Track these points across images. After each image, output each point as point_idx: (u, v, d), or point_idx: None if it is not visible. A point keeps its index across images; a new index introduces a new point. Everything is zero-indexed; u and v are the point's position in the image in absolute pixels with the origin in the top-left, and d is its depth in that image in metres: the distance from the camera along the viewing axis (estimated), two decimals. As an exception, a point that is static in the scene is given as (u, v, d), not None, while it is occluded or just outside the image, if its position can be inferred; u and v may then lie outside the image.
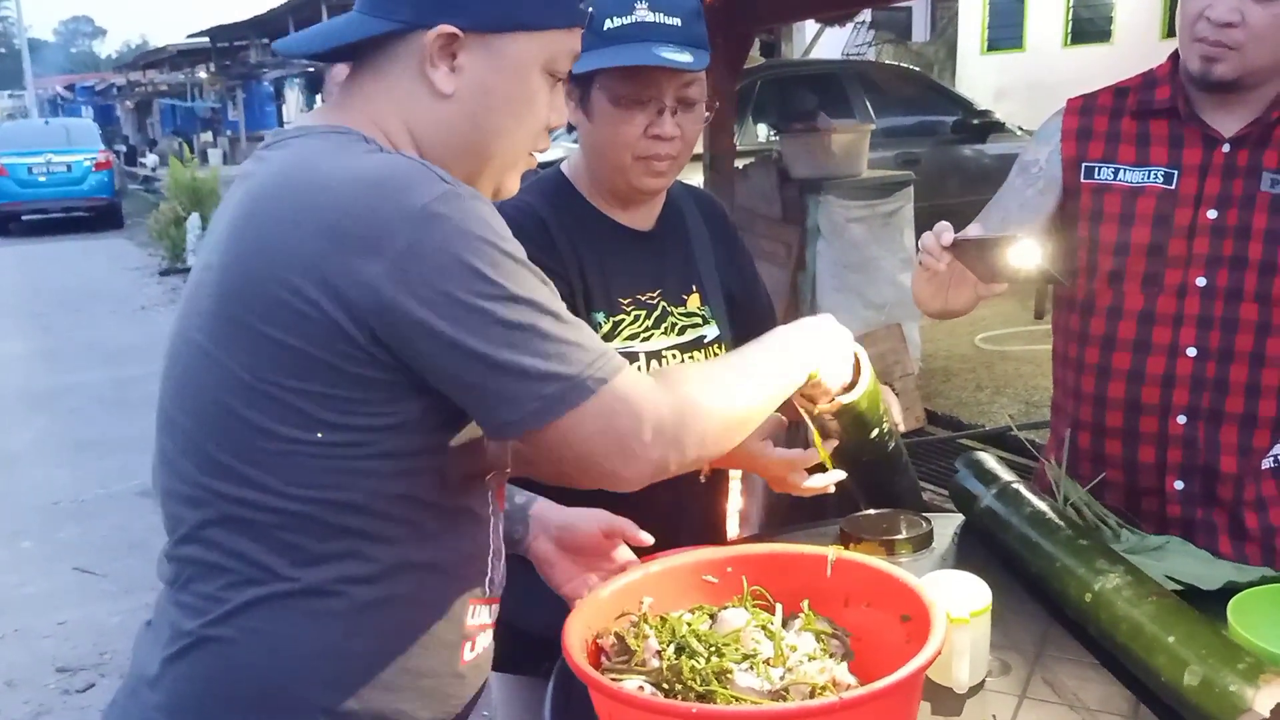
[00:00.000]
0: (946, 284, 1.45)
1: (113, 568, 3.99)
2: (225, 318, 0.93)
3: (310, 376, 0.90)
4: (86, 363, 7.21)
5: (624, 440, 0.93)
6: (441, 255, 0.88)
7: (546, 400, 0.90)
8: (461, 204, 0.90)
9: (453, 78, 0.98)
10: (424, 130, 1.00)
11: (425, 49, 0.97)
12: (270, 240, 0.91)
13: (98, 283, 10.67)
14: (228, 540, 0.94)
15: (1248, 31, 1.37)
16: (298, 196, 0.91)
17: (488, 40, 0.97)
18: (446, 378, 0.91)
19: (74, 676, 3.25)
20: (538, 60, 1.00)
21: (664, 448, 0.95)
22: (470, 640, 1.05)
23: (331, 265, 0.88)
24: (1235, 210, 1.46)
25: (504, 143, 1.02)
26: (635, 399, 0.94)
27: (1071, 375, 1.62)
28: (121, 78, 32.07)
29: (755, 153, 5.96)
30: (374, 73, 1.00)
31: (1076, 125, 1.58)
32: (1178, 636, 1.11)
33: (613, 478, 0.96)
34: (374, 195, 0.89)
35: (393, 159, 0.94)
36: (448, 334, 0.88)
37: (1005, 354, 5.91)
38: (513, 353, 0.89)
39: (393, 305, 0.87)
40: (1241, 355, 1.48)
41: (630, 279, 1.43)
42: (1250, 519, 1.52)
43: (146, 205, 15.42)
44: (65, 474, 5.04)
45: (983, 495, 1.49)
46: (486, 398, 0.91)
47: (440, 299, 0.88)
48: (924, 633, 1.02)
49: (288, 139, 0.99)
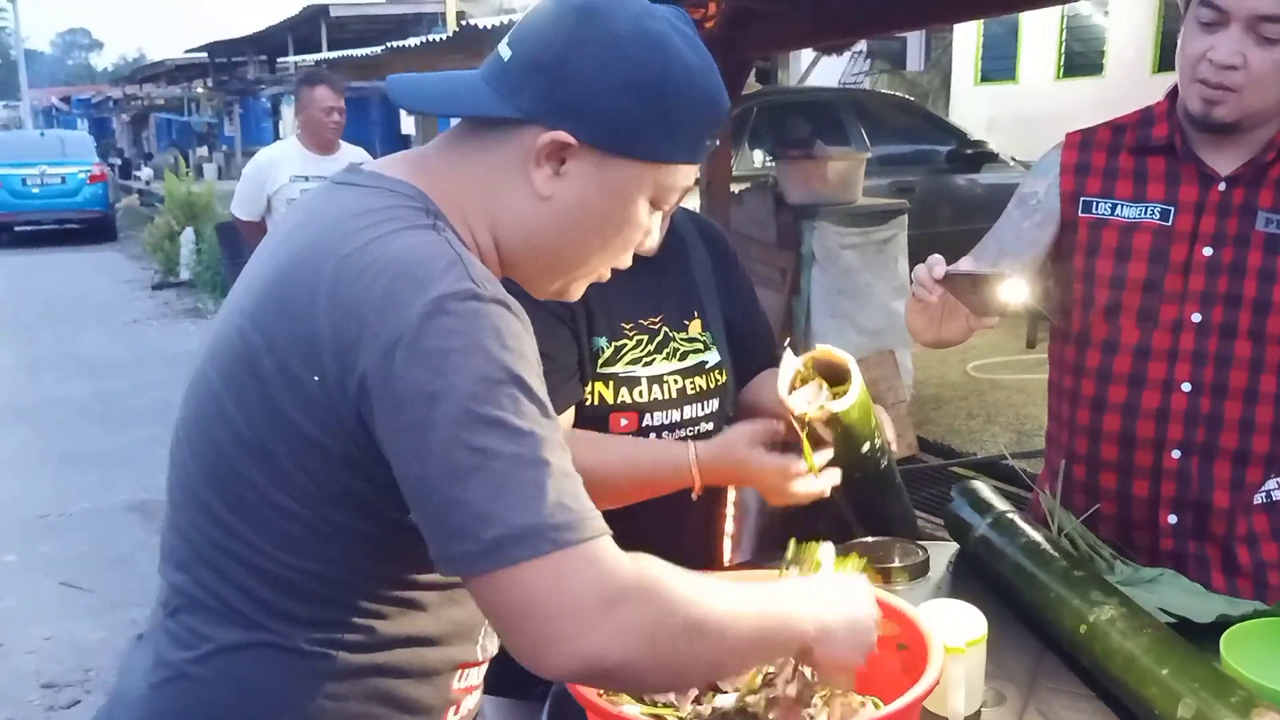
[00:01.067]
0: (939, 316, 1.46)
1: (98, 582, 3.95)
2: (239, 368, 0.91)
3: (304, 450, 0.87)
4: (73, 375, 7.16)
5: (560, 621, 0.79)
6: (429, 356, 0.81)
7: (485, 545, 0.80)
8: (479, 307, 0.84)
9: (554, 182, 0.93)
10: (507, 223, 0.95)
11: (536, 146, 0.92)
12: (294, 306, 0.87)
13: (88, 295, 10.63)
14: (214, 583, 0.93)
15: (1248, 75, 1.39)
16: (329, 268, 0.87)
17: (601, 157, 0.92)
18: (404, 486, 0.84)
19: (58, 693, 3.21)
20: (646, 190, 0.95)
21: (602, 643, 0.80)
22: (455, 704, 1.04)
23: (340, 345, 0.84)
24: (1230, 248, 1.47)
25: (584, 257, 0.98)
26: (597, 572, 0.81)
27: (1066, 407, 1.62)
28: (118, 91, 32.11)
29: (751, 178, 6.00)
30: (476, 145, 0.95)
31: (1075, 160, 1.59)
32: (1171, 669, 1.11)
33: (531, 663, 0.82)
34: (395, 279, 0.84)
35: (433, 243, 0.87)
36: (412, 440, 0.81)
37: (997, 382, 5.94)
38: (470, 481, 0.80)
39: (375, 397, 0.83)
40: (1235, 391, 1.49)
41: (632, 303, 1.44)
42: (1242, 554, 1.53)
43: (140, 219, 15.39)
44: (49, 487, 5.00)
45: (978, 524, 1.50)
46: (434, 520, 0.82)
47: (412, 402, 0.81)
48: (921, 663, 1.03)
49: (360, 185, 0.95)
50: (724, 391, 1.51)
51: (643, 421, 1.44)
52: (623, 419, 1.43)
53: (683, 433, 1.45)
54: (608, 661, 0.81)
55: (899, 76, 14.07)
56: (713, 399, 1.49)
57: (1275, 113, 1.46)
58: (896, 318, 5.08)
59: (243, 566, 0.92)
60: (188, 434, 0.96)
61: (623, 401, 1.43)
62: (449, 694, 1.02)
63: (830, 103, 7.58)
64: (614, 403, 1.42)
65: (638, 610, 0.81)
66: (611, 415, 1.43)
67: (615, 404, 1.43)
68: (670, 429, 1.45)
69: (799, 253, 4.93)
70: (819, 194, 4.96)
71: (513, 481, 0.80)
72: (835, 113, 7.23)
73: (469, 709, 1.07)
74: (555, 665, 0.81)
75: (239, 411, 0.90)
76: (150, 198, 17.84)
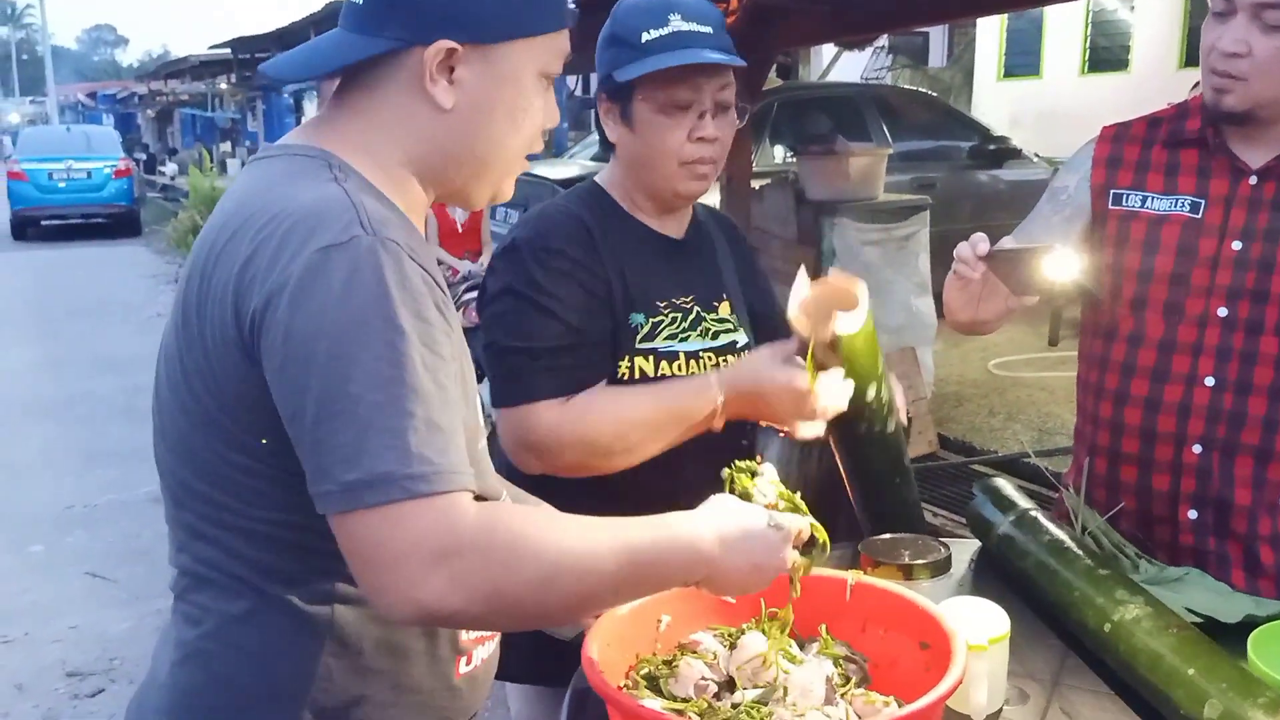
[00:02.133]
0: (978, 295, 1.46)
1: (122, 574, 4.00)
2: (173, 340, 0.96)
3: (233, 403, 0.91)
4: (98, 370, 7.24)
5: (399, 563, 0.81)
6: (308, 301, 0.84)
7: (341, 487, 0.82)
8: (365, 254, 0.86)
9: (452, 91, 0.97)
10: (419, 146, 0.99)
11: (424, 65, 0.96)
12: (211, 273, 0.92)
13: (113, 290, 10.73)
14: (209, 555, 0.96)
15: (1253, 62, 1.39)
16: (234, 227, 0.92)
17: (485, 51, 0.97)
18: (287, 425, 0.87)
19: (83, 681, 3.25)
20: (534, 66, 1.00)
21: (439, 594, 0.82)
22: (465, 655, 1.05)
23: (237, 296, 0.88)
24: (1260, 243, 1.46)
25: (503, 150, 1.02)
26: (437, 526, 0.82)
27: (1091, 400, 1.62)
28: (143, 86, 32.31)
29: (771, 174, 5.98)
30: (365, 90, 0.99)
31: (1108, 153, 1.59)
32: (1198, 669, 1.10)
33: (373, 594, 0.85)
34: (289, 230, 0.88)
35: (330, 193, 0.91)
36: (287, 380, 0.85)
37: (1018, 380, 5.89)
38: (332, 426, 0.82)
39: (262, 340, 0.86)
40: (1260, 389, 1.47)
41: (666, 283, 1.48)
42: (1266, 554, 1.52)
43: (165, 213, 15.53)
44: (75, 481, 5.06)
45: (1000, 522, 1.49)
46: (306, 464, 0.86)
47: (290, 345, 0.84)
48: (944, 661, 1.02)
49: (268, 157, 1.01)
50: None
51: None
52: None
53: None
54: (444, 610, 0.83)
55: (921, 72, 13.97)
56: None
57: None
58: (917, 315, 5.06)
59: (229, 532, 0.94)
60: (159, 422, 1.00)
61: (663, 374, 1.45)
62: (456, 644, 1.03)
63: (852, 98, 7.54)
64: (655, 376, 1.45)
65: (477, 563, 0.83)
66: (651, 383, 1.45)
67: (656, 378, 1.45)
68: None
69: (819, 249, 4.92)
70: (840, 190, 4.94)
71: (376, 428, 0.82)
72: (857, 108, 7.19)
73: (482, 660, 1.08)
74: (393, 610, 0.84)
75: (183, 383, 0.94)
76: (175, 193, 18.00)
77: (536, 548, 0.86)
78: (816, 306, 1.29)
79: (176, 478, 0.98)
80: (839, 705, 1.04)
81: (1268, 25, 1.37)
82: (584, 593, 0.90)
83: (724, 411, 1.37)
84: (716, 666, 1.07)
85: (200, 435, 0.94)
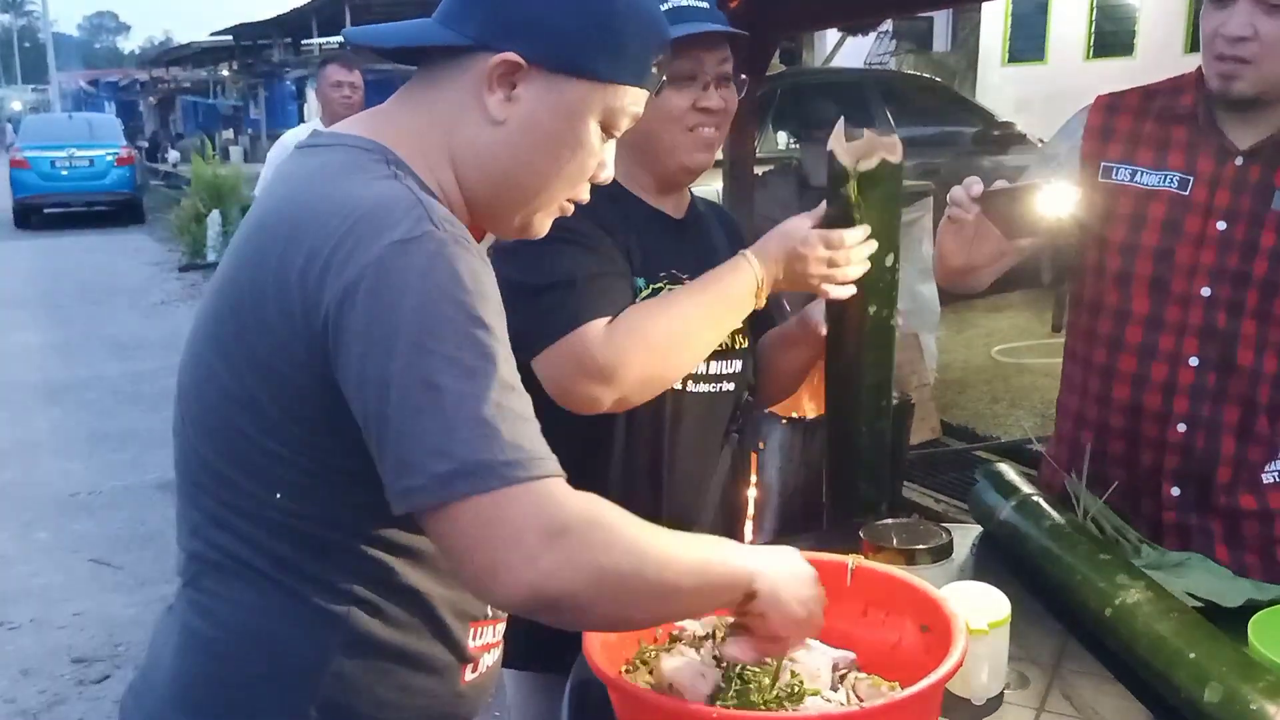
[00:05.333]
0: (971, 238, 1.48)
1: (128, 560, 4.02)
2: (219, 326, 0.94)
3: (285, 393, 0.90)
4: (103, 356, 7.26)
5: (507, 552, 0.81)
6: (387, 294, 0.84)
7: (436, 480, 0.81)
8: (439, 248, 0.86)
9: (507, 106, 0.96)
10: (464, 152, 0.98)
11: (486, 71, 0.95)
12: (268, 258, 0.91)
13: (117, 277, 10.74)
14: (226, 542, 0.95)
15: (1261, 44, 1.39)
16: (297, 216, 0.91)
17: (550, 77, 0.95)
18: (362, 423, 0.86)
19: (89, 667, 3.27)
20: (595, 111, 0.98)
21: (545, 576, 0.82)
22: (472, 662, 1.05)
23: (306, 287, 0.87)
24: (1244, 225, 1.47)
25: (540, 182, 0.99)
26: (539, 509, 0.83)
27: (1079, 372, 1.64)
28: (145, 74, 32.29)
29: (774, 160, 5.96)
30: (431, 84, 0.99)
31: (1100, 123, 1.59)
32: (1199, 653, 1.11)
33: (479, 594, 0.88)
34: (357, 223, 0.87)
35: (393, 190, 0.90)
36: (369, 377, 0.84)
37: (1022, 366, 5.89)
38: (420, 419, 0.82)
39: (335, 335, 0.85)
40: (1241, 369, 1.48)
41: (665, 258, 1.47)
42: (1249, 528, 1.53)
43: (167, 201, 15.52)
44: (81, 466, 5.07)
45: (1002, 507, 1.49)
46: (385, 459, 0.84)
47: (371, 340, 0.83)
48: (945, 644, 1.02)
49: (322, 145, 0.99)
50: (746, 356, 1.52)
51: None
52: None
53: (706, 387, 1.46)
54: (553, 591, 0.83)
55: (925, 57, 13.91)
56: (735, 359, 1.50)
57: None
58: (922, 301, 5.04)
59: (249, 520, 0.94)
60: (186, 403, 0.98)
61: None
62: (465, 651, 1.03)
63: (856, 83, 7.52)
64: None
65: (583, 544, 0.83)
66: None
67: None
68: (695, 380, 1.45)
69: (823, 235, 4.90)
70: (844, 176, 4.92)
71: (465, 419, 0.82)
72: (861, 94, 7.17)
73: (488, 666, 1.08)
74: (503, 594, 0.84)
75: (224, 366, 0.93)
76: (177, 180, 17.98)
77: (631, 536, 0.87)
78: (856, 146, 1.40)
79: (202, 460, 0.96)
80: (840, 690, 1.04)
81: (1273, 6, 1.37)
82: (666, 588, 0.90)
83: (765, 284, 1.38)
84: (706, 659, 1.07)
85: (240, 420, 0.92)
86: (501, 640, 1.10)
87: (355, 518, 0.94)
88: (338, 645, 0.95)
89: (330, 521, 0.93)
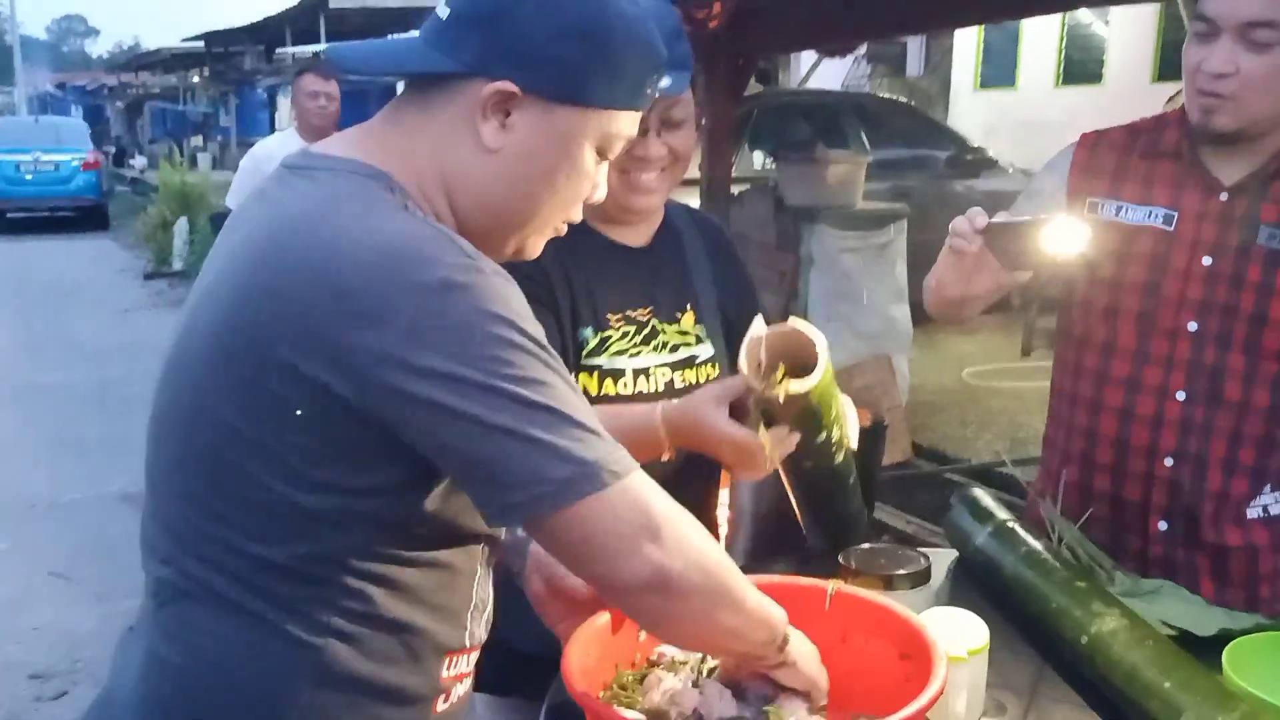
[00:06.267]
0: (970, 269, 1.46)
1: (88, 573, 3.93)
2: (221, 361, 0.91)
3: (300, 432, 0.88)
4: (66, 362, 7.13)
5: (631, 538, 0.88)
6: (458, 330, 0.85)
7: (558, 485, 0.86)
8: (483, 279, 0.87)
9: (501, 134, 0.94)
10: (458, 180, 0.97)
11: (480, 99, 0.93)
12: (277, 296, 0.88)
13: (81, 283, 10.58)
14: (202, 573, 0.93)
15: (1242, 81, 1.40)
16: (309, 254, 0.88)
17: (546, 106, 0.94)
18: (449, 454, 0.88)
19: (46, 683, 3.20)
20: (590, 136, 0.97)
21: (666, 556, 0.89)
22: (444, 692, 1.03)
23: (332, 333, 0.85)
24: (1230, 259, 1.48)
25: (535, 209, 0.99)
26: (647, 499, 0.90)
27: (1065, 407, 1.64)
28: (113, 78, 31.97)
29: (750, 180, 5.99)
30: (422, 107, 0.97)
31: (1086, 159, 1.60)
32: (1174, 682, 1.11)
33: (608, 578, 0.91)
34: (387, 267, 0.86)
35: (414, 226, 0.90)
36: (457, 409, 0.84)
37: (992, 389, 5.94)
38: (528, 431, 0.85)
39: (391, 377, 0.84)
40: (1229, 404, 1.49)
41: (621, 295, 1.44)
42: (1236, 564, 1.54)
43: (134, 207, 15.34)
44: (42, 475, 4.97)
45: (978, 532, 1.49)
46: (493, 477, 0.87)
47: (452, 374, 0.84)
48: (925, 672, 1.02)
49: (315, 168, 0.96)
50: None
51: None
52: None
53: None
54: (672, 569, 0.90)
55: (900, 81, 14.08)
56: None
57: (1279, 120, 1.46)
58: (894, 323, 5.08)
59: (232, 553, 0.92)
60: (169, 427, 0.96)
61: (606, 393, 1.42)
62: (438, 682, 1.02)
63: (831, 105, 7.59)
64: (597, 394, 1.42)
65: (680, 530, 0.91)
66: (595, 407, 1.42)
67: (599, 395, 1.42)
68: None
69: (798, 255, 4.94)
70: (819, 197, 4.97)
71: (559, 430, 0.86)
72: (835, 116, 7.23)
73: (459, 696, 1.07)
74: (630, 576, 0.89)
75: (228, 402, 0.90)
76: (144, 186, 17.77)
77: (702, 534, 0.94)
78: (770, 356, 1.20)
79: (187, 491, 0.94)
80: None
81: (1255, 43, 1.39)
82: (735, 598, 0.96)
83: (670, 447, 1.30)
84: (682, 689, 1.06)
85: (231, 452, 0.90)
86: (473, 670, 1.08)
87: (344, 555, 0.92)
88: (310, 677, 0.93)
89: (318, 558, 0.91)
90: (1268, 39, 1.38)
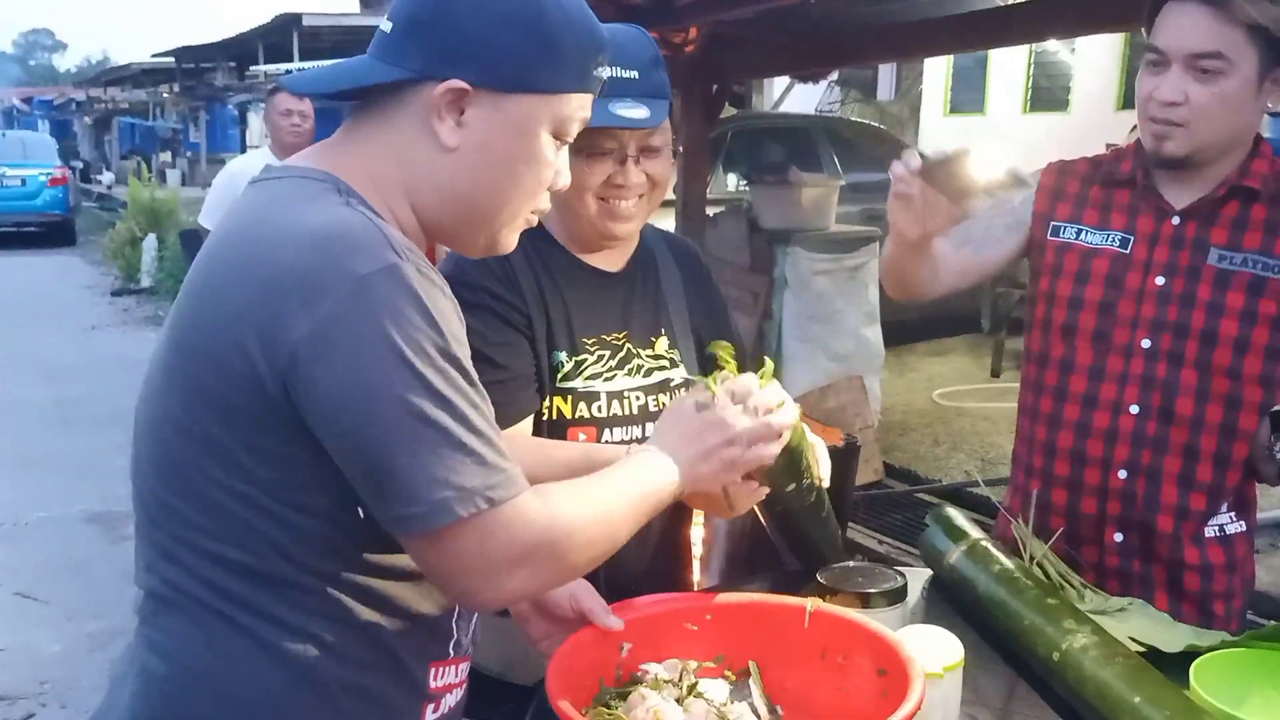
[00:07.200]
0: (922, 211, 1.47)
1: (54, 593, 3.87)
2: (175, 362, 0.94)
3: (240, 426, 0.90)
4: (31, 380, 7.02)
5: (493, 566, 0.91)
6: (366, 331, 0.86)
7: (431, 506, 0.87)
8: (406, 282, 0.88)
9: (458, 132, 0.97)
10: (420, 182, 0.99)
11: (433, 101, 0.96)
12: (219, 290, 0.92)
13: (47, 300, 10.43)
14: (182, 580, 0.95)
15: (1191, 109, 1.47)
16: (248, 247, 0.92)
17: (497, 98, 0.96)
18: (344, 456, 0.89)
19: (12, 705, 3.13)
20: (545, 123, 0.99)
21: (528, 584, 0.95)
22: (434, 702, 1.04)
23: (262, 318, 0.87)
24: (1182, 280, 1.54)
25: (500, 201, 1.01)
26: (519, 528, 0.91)
27: (1028, 423, 1.69)
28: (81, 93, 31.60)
29: (724, 201, 6.04)
30: (378, 118, 0.99)
31: (1052, 184, 1.68)
32: (1143, 697, 1.14)
33: (465, 598, 0.98)
34: (316, 252, 0.88)
35: (349, 217, 0.92)
36: (352, 412, 0.86)
37: (962, 410, 6.00)
38: (413, 448, 0.87)
39: (306, 370, 0.86)
40: (1182, 418, 1.54)
41: (596, 319, 1.45)
42: (1190, 580, 1.58)
43: (101, 223, 15.16)
44: (7, 494, 4.89)
45: (951, 551, 1.52)
46: (380, 486, 0.88)
47: (353, 376, 0.86)
48: (902, 688, 1.04)
49: (272, 178, 1.00)
50: None
51: (601, 437, 1.44)
52: (580, 434, 1.43)
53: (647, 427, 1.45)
54: (524, 595, 1.02)
55: (872, 105, 14.24)
56: None
57: (1228, 147, 1.53)
58: (866, 344, 5.14)
59: (207, 559, 0.93)
60: (143, 440, 0.98)
61: (581, 416, 1.43)
62: (425, 691, 1.02)
63: (804, 129, 7.66)
64: (572, 417, 1.43)
65: (551, 554, 0.94)
66: (569, 430, 1.43)
67: (573, 418, 1.43)
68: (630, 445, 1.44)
69: (772, 277, 4.98)
70: (793, 219, 5.02)
71: (448, 448, 0.88)
72: (809, 139, 7.30)
73: (450, 706, 1.07)
74: (482, 607, 1.02)
75: (179, 402, 0.92)
76: (111, 202, 17.57)
77: (583, 526, 0.97)
78: None
79: (156, 497, 0.96)
80: None
81: (1203, 72, 1.45)
82: (614, 542, 1.02)
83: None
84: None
85: (197, 457, 0.92)
86: (465, 680, 1.09)
87: (316, 556, 0.93)
88: (291, 684, 0.94)
89: (290, 559, 0.92)
90: (1215, 68, 1.44)
